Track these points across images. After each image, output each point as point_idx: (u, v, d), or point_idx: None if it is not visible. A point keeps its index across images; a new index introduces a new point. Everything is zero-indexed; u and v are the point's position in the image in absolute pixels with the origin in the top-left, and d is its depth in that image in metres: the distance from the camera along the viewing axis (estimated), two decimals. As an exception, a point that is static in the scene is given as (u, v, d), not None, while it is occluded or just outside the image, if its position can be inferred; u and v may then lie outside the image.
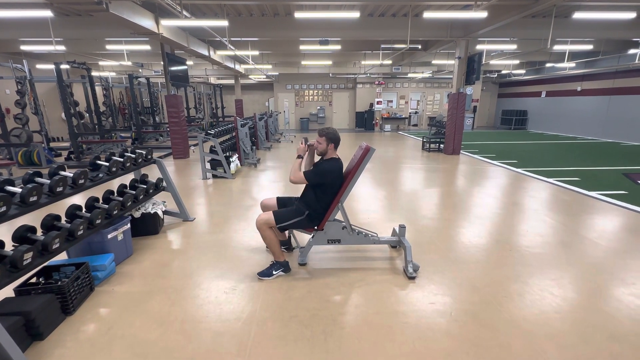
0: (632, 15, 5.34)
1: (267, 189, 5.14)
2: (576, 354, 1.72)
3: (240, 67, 12.61)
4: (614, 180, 5.36)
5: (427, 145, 8.95)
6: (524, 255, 2.83)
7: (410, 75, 14.53)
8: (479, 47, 8.48)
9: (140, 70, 12.95)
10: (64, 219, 2.35)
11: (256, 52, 8.68)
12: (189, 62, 10.12)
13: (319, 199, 2.42)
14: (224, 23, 5.67)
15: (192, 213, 3.89)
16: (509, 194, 4.70)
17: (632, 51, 8.90)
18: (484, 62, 8.12)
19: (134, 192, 2.99)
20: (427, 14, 5.43)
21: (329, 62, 11.28)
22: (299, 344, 1.79)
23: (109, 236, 2.56)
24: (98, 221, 2.40)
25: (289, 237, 2.81)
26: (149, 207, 3.22)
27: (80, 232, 2.21)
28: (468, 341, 1.82)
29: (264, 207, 2.75)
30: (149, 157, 3.36)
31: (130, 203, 2.87)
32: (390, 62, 11.44)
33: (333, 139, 2.42)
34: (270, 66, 12.38)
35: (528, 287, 2.35)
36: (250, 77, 15.02)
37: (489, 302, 2.17)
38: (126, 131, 10.72)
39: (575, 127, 12.53)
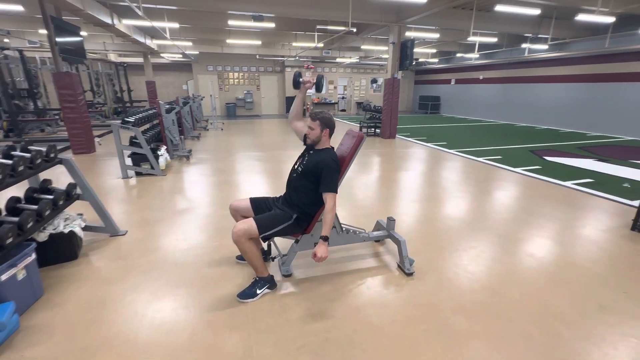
0: (537, 11, 6.14)
1: (211, 186, 4.43)
2: (585, 332, 1.77)
3: (152, 43, 10.74)
4: (527, 158, 6.22)
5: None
6: (499, 235, 2.95)
7: (338, 60, 14.57)
8: (408, 34, 8.82)
9: (7, 40, 9.96)
10: None
11: (175, 25, 7.38)
12: (83, 33, 8.10)
13: (311, 198, 2.03)
14: (135, -18, 4.54)
15: (121, 224, 3.04)
16: (458, 175, 4.99)
17: (523, 45, 10.46)
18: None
19: (35, 206, 2.11)
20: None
21: (259, 42, 10.41)
22: (322, 384, 1.44)
23: (3, 277, 1.73)
24: (-18, 259, 1.57)
25: (269, 245, 2.36)
26: (61, 225, 2.34)
27: (-50, 283, 1.39)
28: (492, 337, 1.73)
29: (235, 211, 2.23)
30: (52, 155, 2.43)
31: (31, 224, 2.01)
32: (321, 45, 11.17)
33: (328, 124, 2.04)
34: (189, 43, 10.84)
35: (517, 267, 2.42)
36: (163, 55, 13.01)
37: (490, 289, 2.14)
38: (-6, 120, 8.18)
39: (479, 111, 14.41)
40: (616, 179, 4.73)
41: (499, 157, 6.21)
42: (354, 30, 9.11)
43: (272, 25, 7.60)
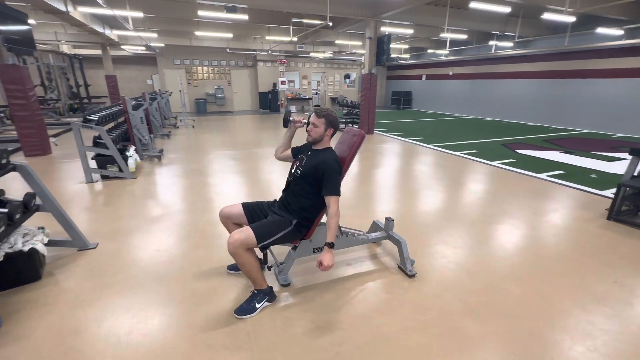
0: (508, 9, 6.36)
1: (188, 188, 4.13)
2: (589, 328, 1.80)
3: (112, 33, 9.91)
4: (500, 151, 6.45)
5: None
6: (490, 230, 2.98)
7: (312, 54, 14.36)
8: (383, 29, 8.83)
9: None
10: None
11: (139, 14, 6.81)
12: (31, 21, 7.27)
13: (311, 202, 1.89)
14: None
15: (90, 237, 2.72)
16: (440, 170, 5.06)
17: (490, 42, 10.88)
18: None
19: (-15, 223, 1.79)
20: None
21: (230, 35, 9.95)
22: (341, 407, 1.32)
23: (-51, 312, 1.43)
24: None
25: (265, 253, 2.19)
26: (19, 243, 2.02)
27: None
28: (504, 338, 1.70)
29: (226, 218, 2.04)
30: (4, 161, 2.08)
31: (-18, 244, 1.70)
32: (296, 39, 10.93)
33: (334, 123, 1.90)
34: (154, 34, 10.13)
35: (513, 262, 2.44)
36: (124, 47, 12.08)
37: (491, 286, 2.14)
38: None
39: (449, 106, 14.88)
40: (583, 170, 5.03)
41: (475, 150, 6.39)
42: (330, 24, 8.98)
43: (245, 17, 7.25)
